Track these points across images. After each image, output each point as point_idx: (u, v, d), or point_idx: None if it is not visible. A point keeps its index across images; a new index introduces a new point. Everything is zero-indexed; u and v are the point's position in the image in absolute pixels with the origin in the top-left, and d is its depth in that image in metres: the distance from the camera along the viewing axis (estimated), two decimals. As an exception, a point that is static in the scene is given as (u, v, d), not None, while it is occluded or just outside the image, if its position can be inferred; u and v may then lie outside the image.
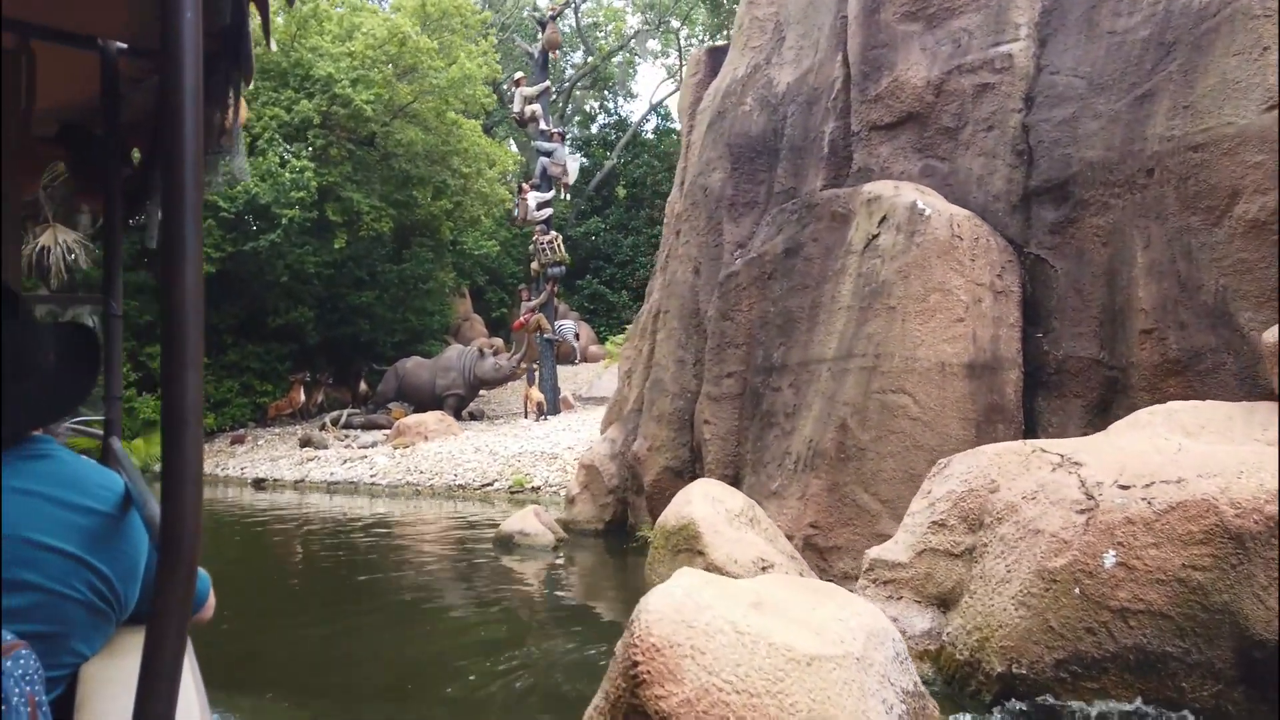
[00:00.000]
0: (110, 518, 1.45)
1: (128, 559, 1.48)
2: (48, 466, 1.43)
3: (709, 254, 9.39)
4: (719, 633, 2.93)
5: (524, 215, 22.44)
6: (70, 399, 1.57)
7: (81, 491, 1.44)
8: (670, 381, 9.27)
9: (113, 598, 1.46)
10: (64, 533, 1.38)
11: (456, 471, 16.02)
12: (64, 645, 1.41)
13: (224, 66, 1.91)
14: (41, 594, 1.35)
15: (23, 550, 1.33)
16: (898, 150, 7.90)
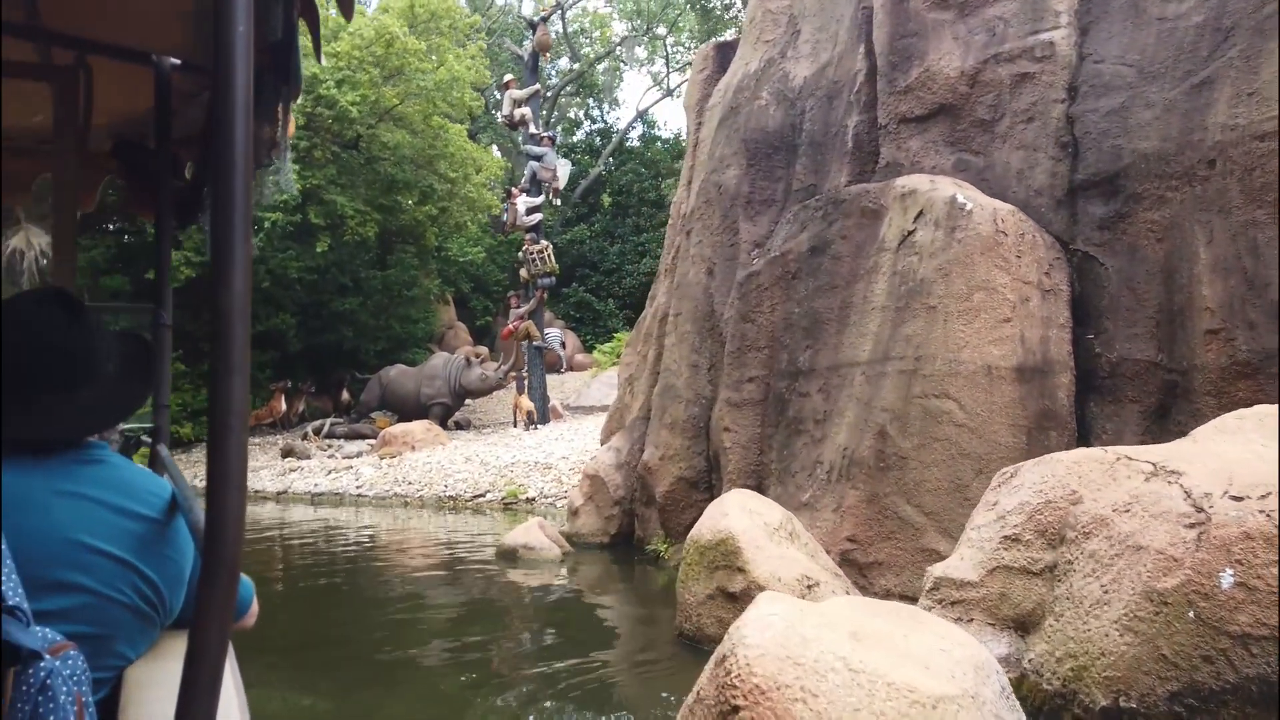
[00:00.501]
0: (158, 523, 1.47)
1: (174, 564, 1.50)
2: (100, 471, 1.45)
3: (724, 254, 8.97)
4: (831, 671, 2.49)
5: (513, 220, 21.96)
6: (126, 407, 1.59)
7: (131, 497, 1.46)
8: (683, 387, 8.82)
9: (158, 602, 1.48)
10: (114, 537, 1.40)
11: (447, 482, 15.48)
12: (110, 648, 1.42)
13: (274, 81, 1.90)
14: (90, 596, 1.37)
15: (73, 553, 1.36)
16: (928, 144, 7.51)
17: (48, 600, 1.32)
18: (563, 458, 15.76)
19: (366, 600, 7.59)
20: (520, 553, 8.98)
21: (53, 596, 1.33)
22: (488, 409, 25.64)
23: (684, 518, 8.60)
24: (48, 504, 1.38)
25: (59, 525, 1.36)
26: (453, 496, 14.92)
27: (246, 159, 1.00)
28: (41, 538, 1.35)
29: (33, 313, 1.49)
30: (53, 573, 1.34)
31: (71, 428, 1.47)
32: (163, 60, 2.48)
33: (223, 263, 0.98)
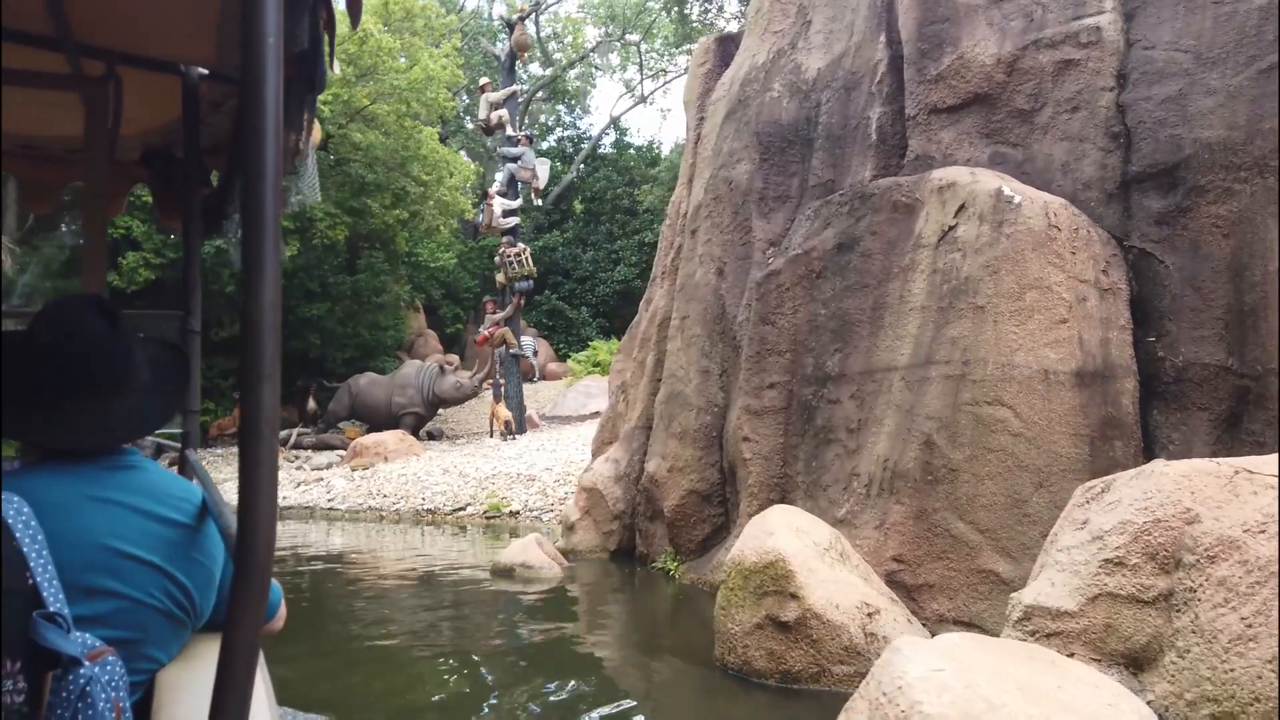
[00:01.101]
0: (189, 528, 1.49)
1: (204, 569, 1.52)
2: (133, 478, 1.49)
3: (735, 253, 8.45)
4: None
5: (489, 222, 21.32)
6: (160, 415, 1.60)
7: (163, 502, 1.48)
8: (693, 395, 8.28)
9: (189, 606, 1.49)
10: (146, 542, 1.43)
11: (424, 495, 14.78)
12: (142, 652, 1.45)
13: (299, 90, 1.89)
14: (123, 601, 1.39)
15: (107, 558, 1.39)
16: (961, 136, 7.06)
17: (83, 605, 1.33)
18: (546, 469, 15.14)
19: (360, 635, 6.93)
20: (518, 571, 8.36)
21: (87, 602, 1.35)
22: (460, 419, 24.95)
23: (695, 533, 8.05)
24: (82, 510, 1.40)
25: (93, 531, 1.38)
26: (431, 510, 14.23)
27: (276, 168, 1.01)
28: (76, 544, 1.36)
29: (73, 319, 1.49)
30: (87, 578, 1.36)
31: (108, 434, 1.48)
32: (190, 70, 2.52)
33: (253, 272, 1.00)
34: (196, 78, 2.55)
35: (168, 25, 2.31)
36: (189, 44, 2.39)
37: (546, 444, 17.63)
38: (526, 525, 13.02)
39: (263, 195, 1.00)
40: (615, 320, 33.34)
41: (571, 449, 16.54)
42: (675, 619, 7.05)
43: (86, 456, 1.46)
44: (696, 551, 8.05)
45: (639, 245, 34.00)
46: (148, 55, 2.45)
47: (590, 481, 9.73)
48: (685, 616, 7.03)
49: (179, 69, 2.54)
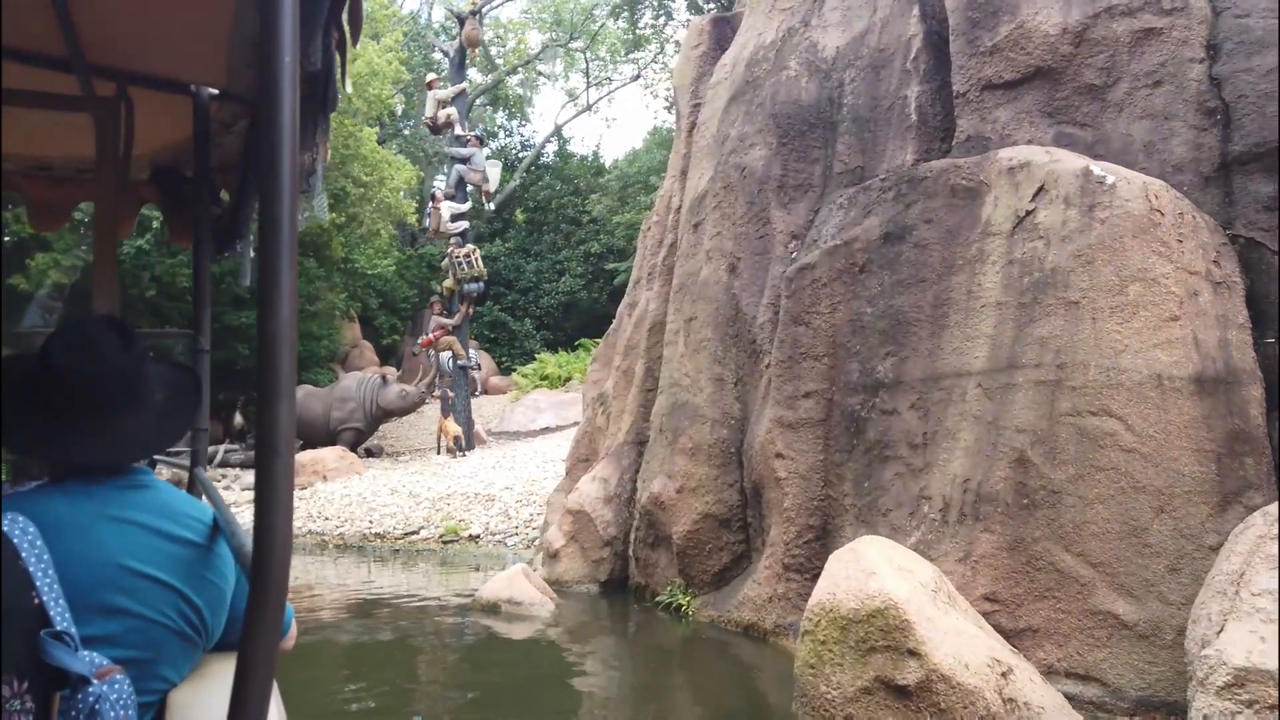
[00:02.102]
0: (201, 547, 1.50)
1: (216, 588, 1.52)
2: (145, 496, 1.49)
3: (751, 247, 7.54)
4: None
5: (436, 226, 20.09)
6: (173, 434, 1.61)
7: (175, 521, 1.49)
8: (706, 406, 7.32)
9: (201, 626, 1.50)
10: (158, 561, 1.43)
11: (372, 517, 13.51)
12: (154, 671, 1.44)
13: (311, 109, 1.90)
14: (136, 620, 1.39)
15: (120, 577, 1.38)
16: (1021, 114, 6.28)
17: (95, 625, 1.34)
18: (505, 488, 14.00)
19: (323, 702, 5.77)
20: (504, 609, 7.26)
21: (100, 621, 1.35)
22: (401, 434, 23.60)
23: (711, 563, 7.08)
24: (95, 529, 1.40)
25: (106, 550, 1.39)
26: (380, 534, 12.97)
27: (292, 188, 1.02)
28: (89, 563, 1.36)
29: (88, 338, 1.51)
30: (100, 597, 1.35)
31: (122, 453, 1.50)
32: (201, 90, 2.56)
33: (269, 290, 1.01)
34: (208, 98, 2.55)
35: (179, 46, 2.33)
36: (200, 65, 2.40)
37: (502, 461, 16.47)
38: (489, 551, 11.89)
39: (280, 215, 1.01)
40: (559, 332, 32.30)
41: (531, 466, 15.43)
42: (725, 674, 6.01)
43: (101, 476, 1.47)
44: (712, 584, 7.08)
45: (585, 256, 33.03)
46: (159, 76, 2.48)
47: (576, 503, 8.69)
48: (734, 670, 6.02)
49: (190, 89, 2.54)
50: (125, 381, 1.50)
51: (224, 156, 2.81)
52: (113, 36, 2.26)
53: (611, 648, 6.81)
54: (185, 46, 2.31)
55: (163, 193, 3.05)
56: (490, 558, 11.63)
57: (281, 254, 1.00)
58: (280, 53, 1.01)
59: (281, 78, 1.01)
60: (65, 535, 1.34)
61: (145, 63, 2.41)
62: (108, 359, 1.49)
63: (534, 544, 11.71)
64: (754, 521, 6.88)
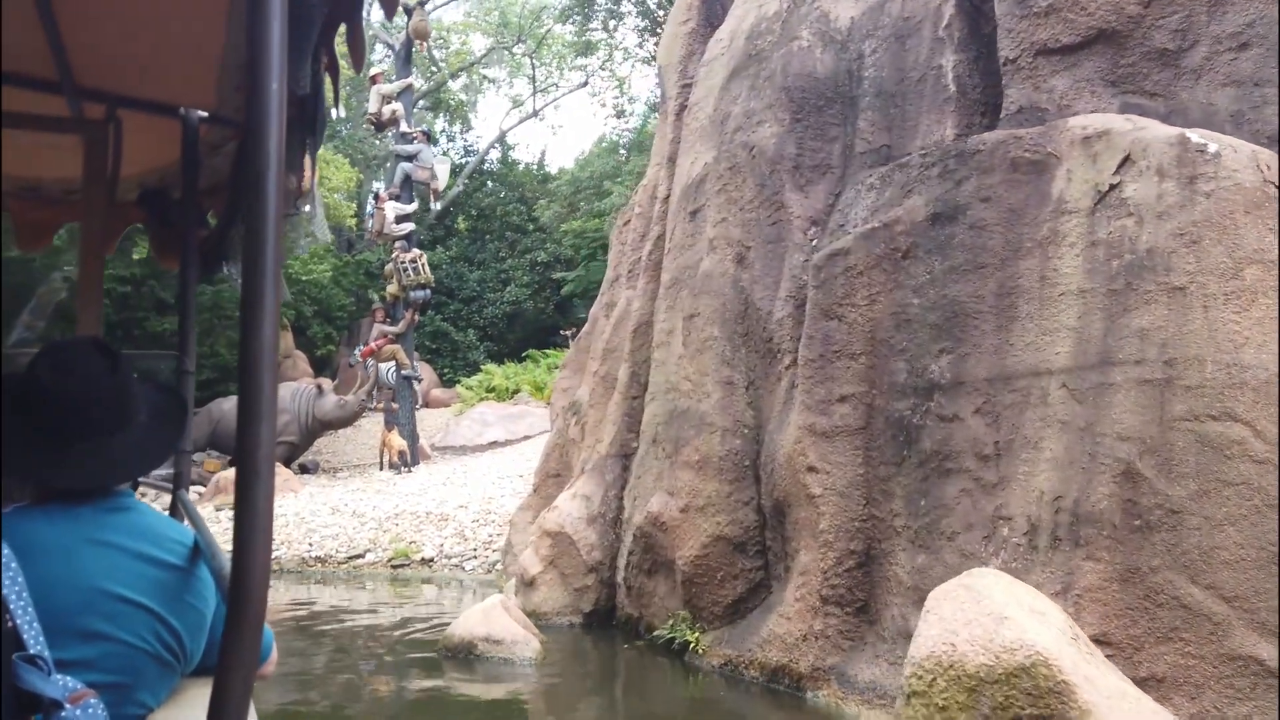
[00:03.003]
0: (182, 571, 1.48)
1: (196, 612, 1.51)
2: (127, 519, 1.48)
3: (763, 234, 6.70)
4: None
5: (380, 227, 18.90)
6: (158, 455, 1.61)
7: (157, 545, 1.47)
8: (715, 412, 6.43)
9: (180, 650, 1.48)
10: (139, 585, 1.42)
11: (311, 540, 12.31)
12: (132, 696, 1.43)
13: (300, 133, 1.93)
14: (114, 644, 1.38)
15: (101, 601, 1.38)
16: (1080, 83, 5.56)
17: (74, 649, 1.32)
18: (460, 507, 12.91)
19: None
20: (481, 648, 6.23)
21: (79, 645, 1.34)
22: (337, 449, 22.25)
23: (723, 593, 6.17)
24: (77, 552, 1.39)
25: (87, 574, 1.38)
26: (321, 558, 11.79)
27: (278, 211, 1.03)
28: (69, 587, 1.36)
29: (74, 360, 1.49)
30: (81, 621, 1.35)
31: (106, 475, 1.49)
32: (190, 113, 2.54)
33: (253, 312, 1.00)
34: (197, 121, 2.54)
35: (169, 70, 2.34)
36: (190, 88, 2.41)
37: (453, 477, 15.34)
38: (444, 575, 10.81)
39: (264, 237, 1.01)
40: (503, 344, 31.17)
41: (485, 483, 14.36)
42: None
43: (84, 498, 1.46)
44: (724, 617, 6.16)
45: (531, 265, 32.00)
46: (149, 99, 2.48)
47: (556, 524, 7.71)
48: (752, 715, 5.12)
49: (179, 112, 2.53)
50: (112, 403, 1.49)
51: (212, 178, 2.79)
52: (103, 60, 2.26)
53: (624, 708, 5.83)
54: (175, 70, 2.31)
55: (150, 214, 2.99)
56: (446, 582, 10.56)
57: (265, 275, 1.00)
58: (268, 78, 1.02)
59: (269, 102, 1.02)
60: (46, 558, 1.33)
61: (135, 86, 2.41)
62: (96, 381, 1.48)
63: (495, 568, 10.69)
64: (775, 545, 6.00)
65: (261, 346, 0.99)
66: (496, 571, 10.60)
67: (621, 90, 35.10)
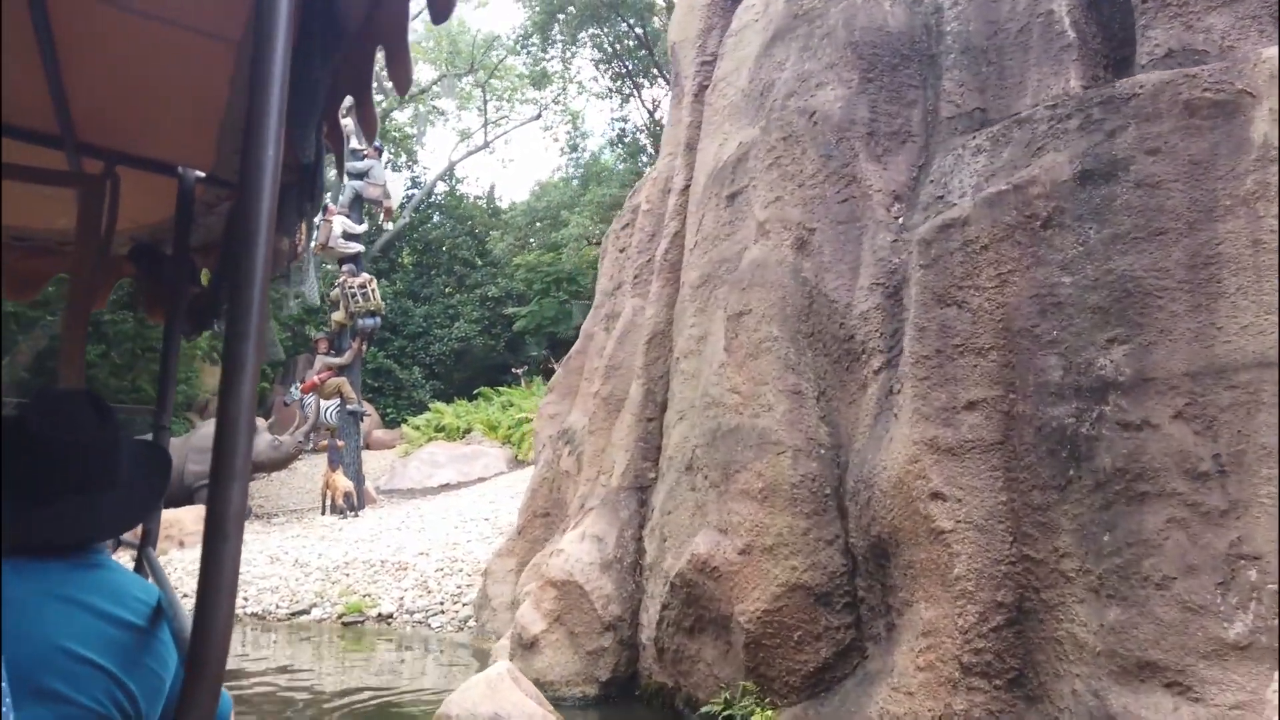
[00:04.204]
0: (143, 632, 1.44)
1: (155, 676, 1.45)
2: (97, 577, 1.43)
3: (831, 213, 5.51)
4: None
5: (325, 240, 17.33)
6: (141, 513, 1.59)
7: (121, 604, 1.43)
8: (781, 428, 5.15)
9: (134, 715, 1.42)
10: (100, 646, 1.37)
11: (248, 592, 10.62)
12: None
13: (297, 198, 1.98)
14: (70, 707, 1.34)
15: (61, 661, 1.33)
16: (1243, 20, 4.51)
17: (30, 709, 1.30)
18: (420, 554, 11.35)
19: None
20: (487, 734, 4.79)
21: (35, 705, 1.30)
22: (270, 492, 20.38)
23: (803, 658, 4.84)
24: (42, 608, 1.35)
25: (50, 632, 1.34)
26: (259, 613, 10.12)
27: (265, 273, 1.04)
28: (32, 643, 1.31)
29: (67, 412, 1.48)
30: (39, 679, 1.31)
31: (91, 531, 1.46)
32: (188, 172, 2.56)
33: (232, 370, 1.01)
34: (193, 180, 2.56)
35: (169, 129, 2.36)
36: (189, 148, 2.42)
37: (407, 521, 13.74)
38: (406, 633, 9.26)
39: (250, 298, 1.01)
40: (449, 382, 29.56)
41: (446, 527, 12.80)
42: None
43: (58, 553, 1.42)
44: (803, 690, 4.82)
45: (481, 300, 30.54)
46: (147, 157, 2.49)
47: (563, 571, 6.32)
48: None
49: (176, 171, 2.54)
50: (102, 458, 1.47)
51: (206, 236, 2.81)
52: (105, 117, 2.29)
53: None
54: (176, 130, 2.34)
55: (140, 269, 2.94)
56: (412, 641, 9.01)
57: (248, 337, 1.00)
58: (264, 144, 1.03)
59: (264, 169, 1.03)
60: (11, 613, 1.29)
61: (135, 144, 2.43)
62: (87, 434, 1.46)
63: (467, 624, 9.18)
64: (870, 596, 4.71)
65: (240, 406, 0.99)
66: (469, 629, 9.10)
67: (575, 125, 34.21)
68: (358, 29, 1.59)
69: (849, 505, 4.87)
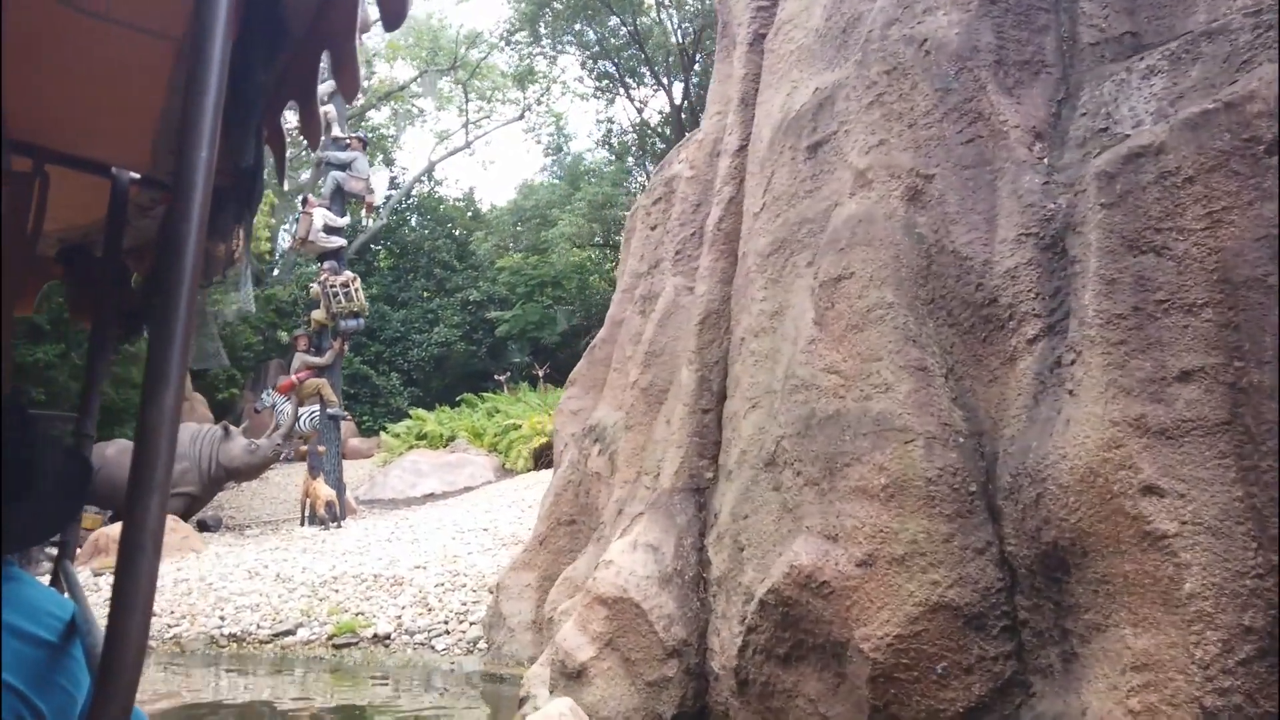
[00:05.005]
0: (55, 649, 1.39)
1: (65, 695, 1.39)
2: (9, 590, 1.36)
3: (954, 156, 4.60)
4: None
5: (305, 233, 16.26)
6: (58, 524, 1.55)
7: (33, 619, 1.37)
8: (909, 411, 4.21)
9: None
10: (12, 664, 1.30)
11: (224, 611, 9.52)
12: None
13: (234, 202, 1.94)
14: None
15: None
16: None
17: None
18: (417, 567, 10.30)
19: None
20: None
21: None
22: (241, 503, 19.24)
23: (948, 695, 3.88)
24: None
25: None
26: (237, 635, 9.02)
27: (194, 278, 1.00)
28: None
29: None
30: None
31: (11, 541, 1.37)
32: (122, 173, 2.49)
33: (156, 378, 0.97)
34: (127, 181, 2.49)
35: (104, 128, 2.31)
36: (123, 147, 2.37)
37: (397, 533, 12.65)
38: (408, 658, 8.21)
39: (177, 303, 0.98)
40: (429, 389, 28.44)
41: (441, 538, 11.75)
42: None
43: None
44: (951, 736, 3.87)
45: (462, 304, 29.48)
46: (80, 155, 2.43)
47: (614, 586, 5.33)
48: None
49: (110, 171, 2.47)
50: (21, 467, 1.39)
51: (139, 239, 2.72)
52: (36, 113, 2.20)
53: None
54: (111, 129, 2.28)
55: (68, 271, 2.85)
56: (417, 669, 7.96)
57: (173, 342, 0.97)
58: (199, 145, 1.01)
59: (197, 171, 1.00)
60: None
61: (68, 142, 2.35)
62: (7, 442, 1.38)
63: (477, 646, 8.15)
64: (1038, 618, 3.78)
65: (162, 415, 0.96)
66: (479, 651, 8.07)
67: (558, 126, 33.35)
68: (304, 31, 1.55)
69: (1004, 505, 3.94)
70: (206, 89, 1.03)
